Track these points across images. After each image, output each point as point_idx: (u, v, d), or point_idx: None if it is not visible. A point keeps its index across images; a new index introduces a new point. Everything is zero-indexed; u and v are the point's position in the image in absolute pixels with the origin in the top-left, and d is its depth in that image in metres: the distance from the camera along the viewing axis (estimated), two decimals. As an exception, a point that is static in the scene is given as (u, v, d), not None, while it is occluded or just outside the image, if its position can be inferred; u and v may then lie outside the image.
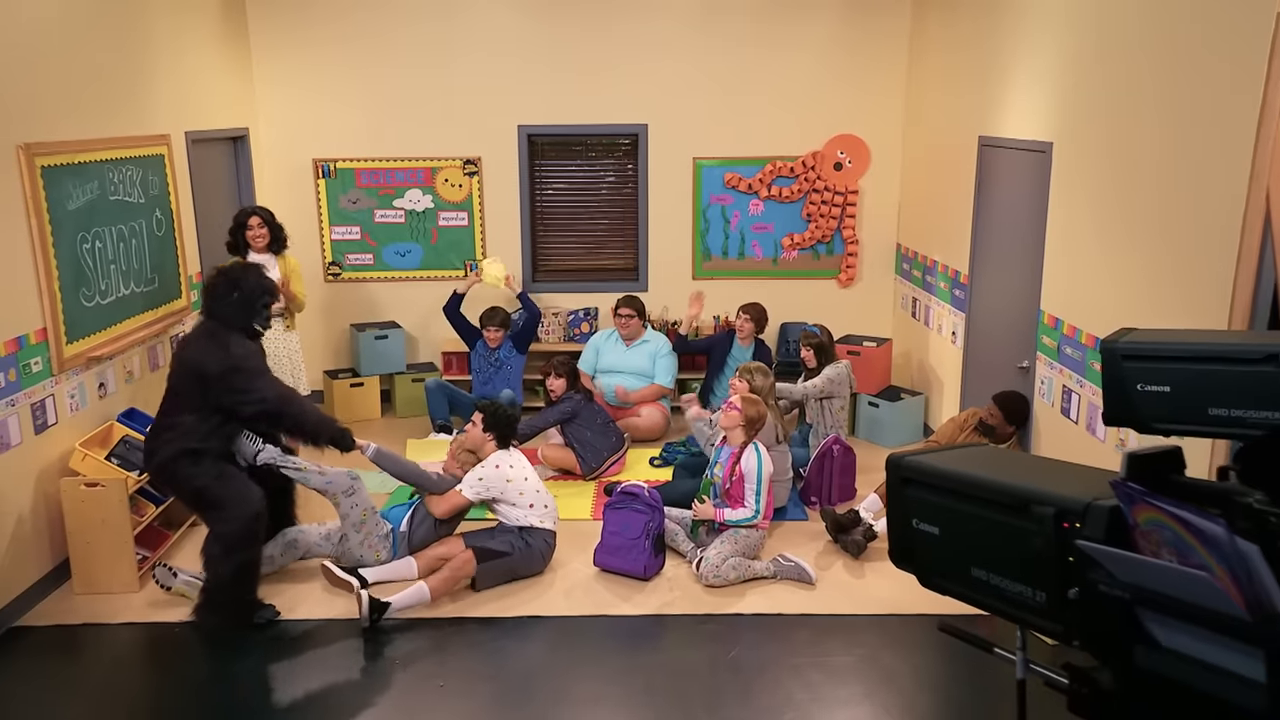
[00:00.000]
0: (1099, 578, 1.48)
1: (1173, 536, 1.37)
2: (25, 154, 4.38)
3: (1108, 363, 2.68)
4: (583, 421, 6.11)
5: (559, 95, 7.20)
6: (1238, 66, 3.43)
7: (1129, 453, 1.57)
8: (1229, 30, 3.49)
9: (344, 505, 4.68)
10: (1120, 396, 2.65)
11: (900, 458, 1.95)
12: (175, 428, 4.24)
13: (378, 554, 4.74)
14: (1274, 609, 1.24)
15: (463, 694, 3.94)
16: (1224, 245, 3.51)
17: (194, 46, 6.14)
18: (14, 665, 4.09)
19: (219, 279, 4.43)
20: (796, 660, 4.15)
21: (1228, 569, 1.28)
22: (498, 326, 6.68)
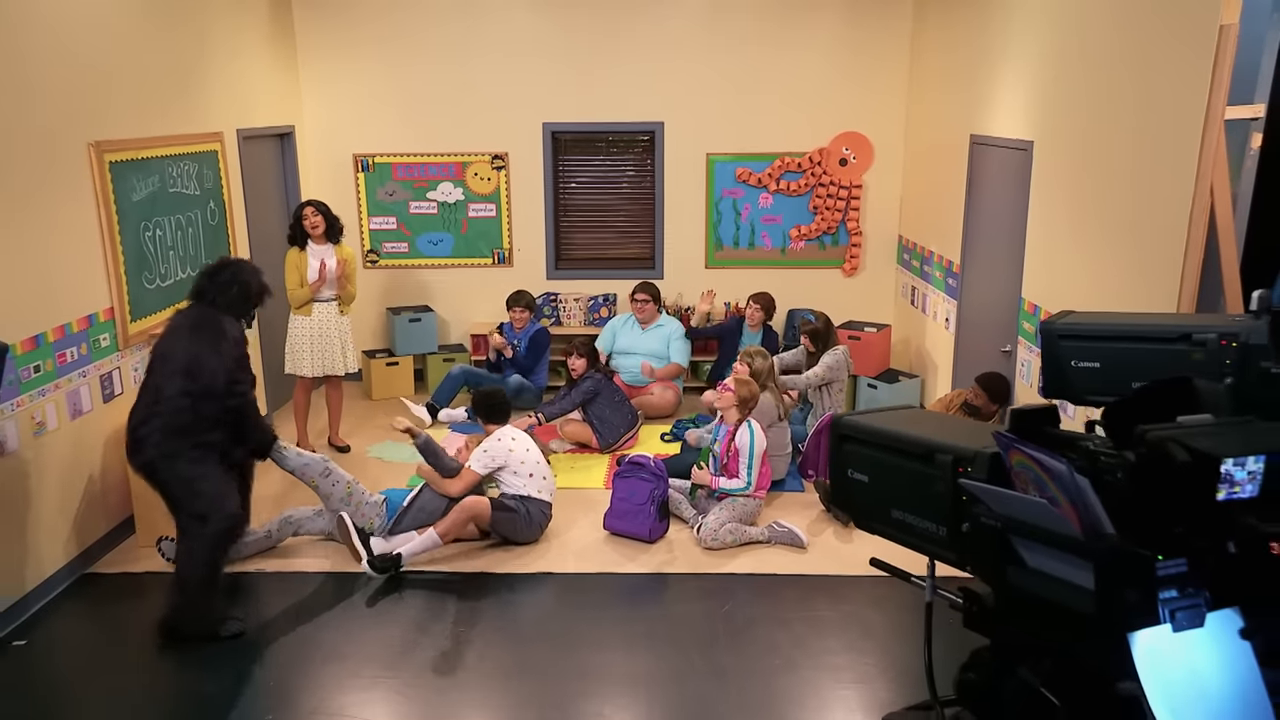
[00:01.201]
0: (980, 511, 1.73)
1: (1034, 475, 1.62)
2: (96, 151, 4.73)
3: (1046, 342, 2.92)
4: (603, 400, 6.37)
5: (581, 95, 7.44)
6: (1188, 75, 3.62)
7: (1012, 409, 1.81)
8: (1180, 43, 3.69)
9: (324, 486, 4.79)
10: (1056, 372, 2.89)
11: (840, 417, 2.21)
12: (156, 419, 4.01)
13: (371, 521, 4.87)
14: (1102, 530, 1.48)
15: (481, 639, 4.24)
16: (1177, 236, 3.71)
17: (245, 51, 6.47)
18: (85, 607, 4.46)
19: (225, 269, 4.32)
20: (785, 615, 4.41)
21: (1069, 499, 1.52)
22: (522, 308, 6.97)
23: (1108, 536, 1.45)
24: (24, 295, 4.27)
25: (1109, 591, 1.43)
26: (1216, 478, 1.40)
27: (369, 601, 4.53)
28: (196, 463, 4.03)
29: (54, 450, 4.46)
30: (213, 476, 4.07)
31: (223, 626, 4.13)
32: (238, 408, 4.14)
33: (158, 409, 4.01)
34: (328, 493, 4.81)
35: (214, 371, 4.04)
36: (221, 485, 4.11)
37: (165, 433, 3.99)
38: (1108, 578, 1.43)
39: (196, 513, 4.03)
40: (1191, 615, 1.40)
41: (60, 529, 4.56)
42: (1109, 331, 2.82)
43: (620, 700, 3.78)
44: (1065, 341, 2.88)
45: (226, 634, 4.12)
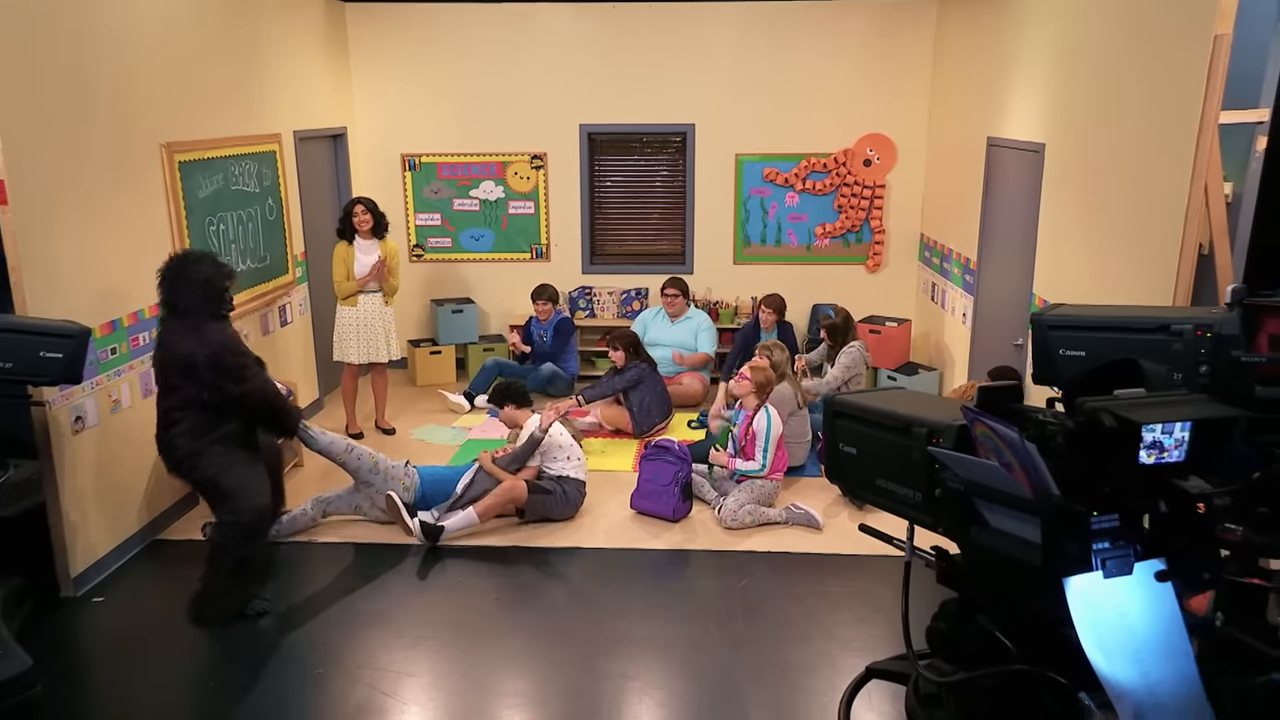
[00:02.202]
0: (948, 477, 1.90)
1: (993, 443, 1.79)
2: (166, 151, 5.02)
3: (1036, 332, 3.06)
4: (645, 388, 6.54)
5: (616, 97, 7.62)
6: (1185, 82, 3.72)
7: (980, 386, 1.97)
8: (1179, 51, 3.79)
9: (350, 461, 5.00)
10: (1045, 360, 3.03)
11: (832, 396, 2.38)
12: (184, 422, 4.06)
13: (403, 483, 5.08)
14: (1049, 491, 1.65)
15: (514, 605, 4.47)
16: (1174, 234, 3.81)
17: (301, 58, 6.75)
18: (155, 569, 4.75)
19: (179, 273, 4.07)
20: (798, 590, 4.58)
21: (1020, 463, 1.68)
22: (545, 300, 7.18)
23: (1053, 496, 1.61)
24: (103, 284, 4.57)
25: (1052, 544, 1.60)
26: (1138, 441, 1.55)
27: (411, 571, 4.78)
28: (219, 459, 4.07)
29: (128, 426, 4.76)
30: (236, 472, 4.10)
31: (249, 606, 4.23)
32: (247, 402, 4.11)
33: (173, 415, 4.06)
34: (355, 467, 5.03)
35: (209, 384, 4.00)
36: (247, 480, 4.13)
37: (184, 436, 4.05)
38: (1051, 532, 1.60)
39: (226, 508, 4.11)
40: (1120, 564, 1.56)
41: (133, 498, 4.86)
42: (1094, 323, 2.96)
43: (643, 664, 3.98)
44: (1054, 332, 3.02)
45: (252, 612, 4.22)
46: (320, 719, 3.63)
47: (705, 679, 3.86)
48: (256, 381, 4.20)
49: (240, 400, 4.09)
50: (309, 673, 3.90)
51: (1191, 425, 1.58)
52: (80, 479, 4.42)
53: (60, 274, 4.27)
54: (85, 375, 4.27)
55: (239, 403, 4.10)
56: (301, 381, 6.56)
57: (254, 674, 3.88)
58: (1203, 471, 1.65)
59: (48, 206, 4.18)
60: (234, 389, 4.05)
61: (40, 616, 4.15)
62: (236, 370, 4.06)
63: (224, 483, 4.08)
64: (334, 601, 4.48)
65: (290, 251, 6.55)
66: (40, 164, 4.13)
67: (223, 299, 4.13)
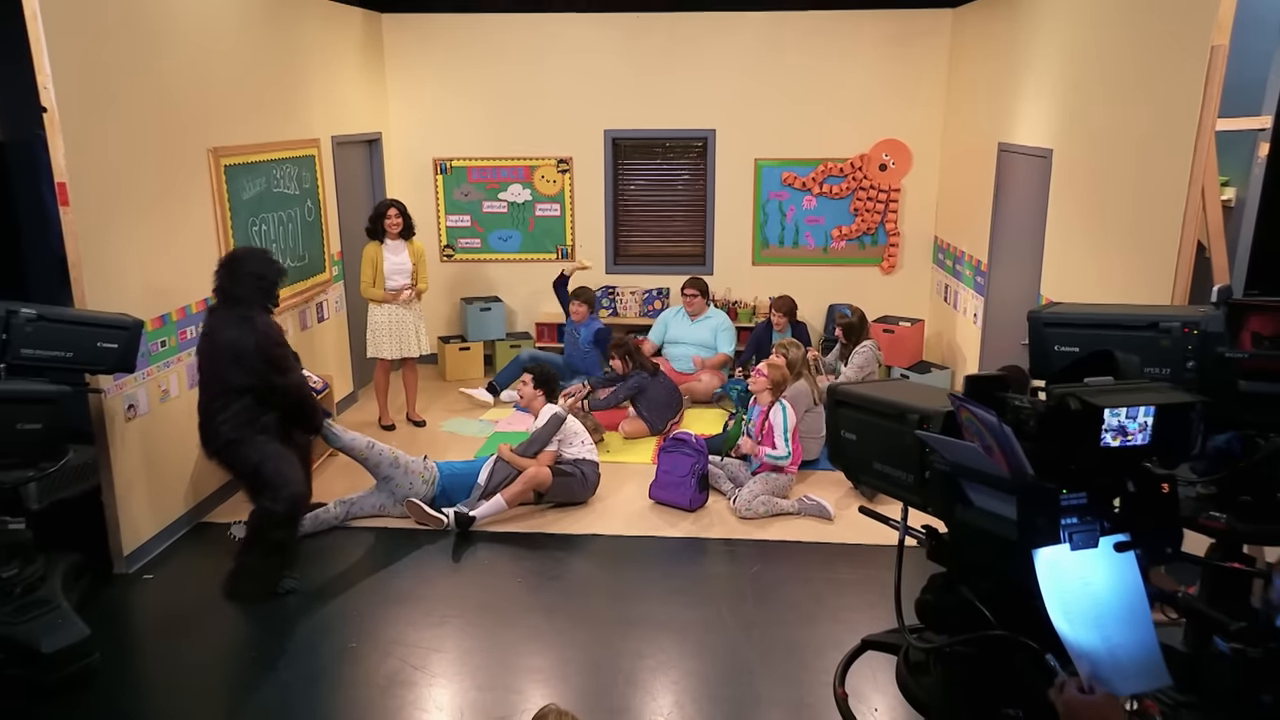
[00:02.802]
0: (935, 459, 2.00)
1: (975, 427, 1.89)
2: (213, 156, 5.22)
3: (1033, 329, 3.15)
4: (650, 393, 6.63)
5: (640, 104, 7.75)
6: (1184, 90, 3.79)
7: (968, 376, 2.08)
8: (1178, 61, 3.85)
9: (371, 457, 5.10)
10: (1042, 355, 3.12)
11: (835, 386, 2.49)
12: (228, 410, 4.20)
13: (423, 477, 5.20)
14: (1025, 470, 1.75)
15: (536, 588, 4.62)
16: (1173, 237, 3.87)
17: (340, 67, 6.94)
18: (199, 549, 4.94)
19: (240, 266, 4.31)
20: (808, 576, 4.69)
21: (998, 445, 1.79)
22: (582, 302, 7.29)
23: (1028, 476, 1.71)
24: (154, 280, 4.77)
25: (1026, 520, 1.70)
26: (1100, 424, 1.65)
27: (439, 554, 4.94)
28: (259, 447, 4.21)
29: (176, 414, 4.96)
30: (274, 457, 4.24)
31: (279, 585, 4.38)
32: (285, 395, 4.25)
33: (216, 403, 4.21)
34: (376, 462, 5.13)
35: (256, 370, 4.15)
36: (284, 465, 4.27)
37: (228, 424, 4.19)
38: (1025, 508, 1.70)
39: (265, 495, 4.26)
40: (1086, 537, 1.66)
41: (180, 482, 5.06)
42: (1087, 320, 3.05)
43: (658, 643, 4.10)
44: (1049, 329, 3.11)
45: (282, 591, 4.38)
46: (353, 689, 3.78)
47: (717, 658, 3.98)
48: (295, 376, 4.37)
49: (281, 391, 4.25)
50: (343, 646, 4.06)
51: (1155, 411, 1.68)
52: (132, 464, 4.62)
53: (115, 270, 4.47)
54: (137, 366, 4.47)
55: (279, 393, 4.25)
56: (336, 375, 6.75)
57: (291, 647, 4.06)
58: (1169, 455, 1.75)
59: (104, 208, 4.38)
60: (277, 379, 4.21)
61: (96, 591, 4.35)
62: (279, 361, 4.22)
63: (264, 470, 4.23)
64: (366, 581, 4.65)
65: (327, 251, 6.74)
66: (98, 168, 4.33)
67: (272, 294, 4.34)
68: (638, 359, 6.67)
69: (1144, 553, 1.71)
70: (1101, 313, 3.07)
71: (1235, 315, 2.77)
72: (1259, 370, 2.67)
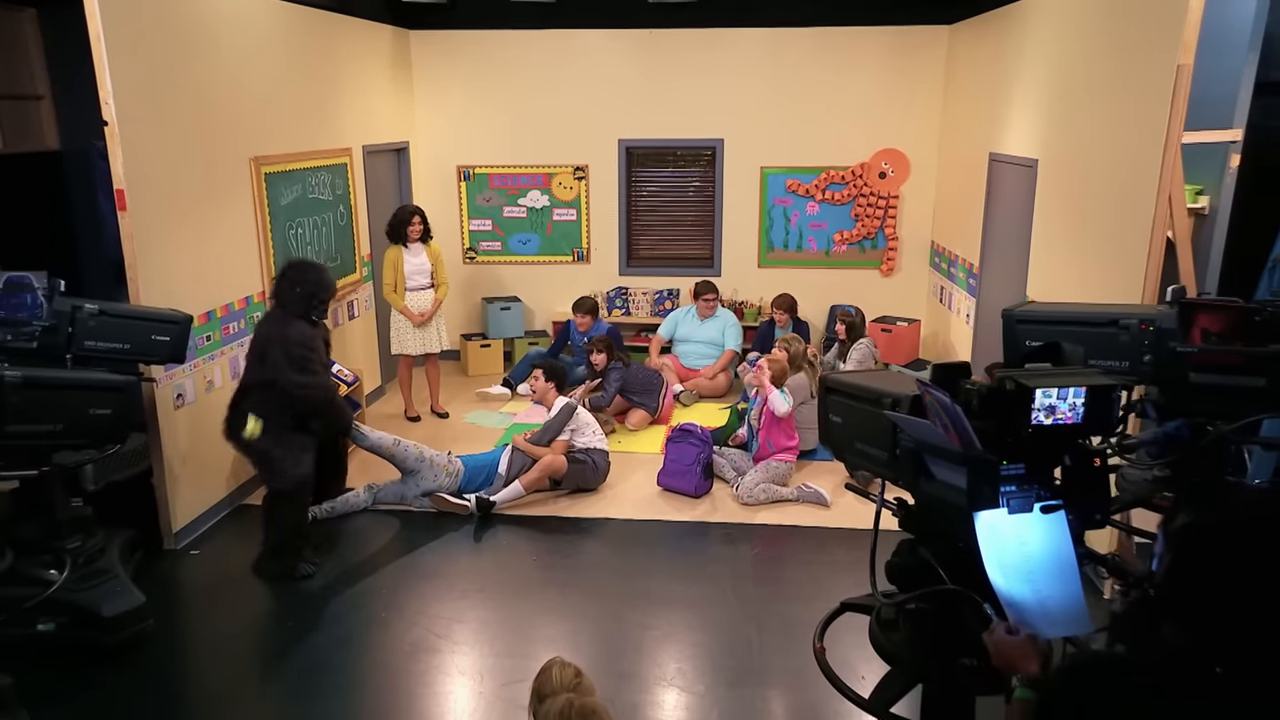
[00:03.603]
0: (903, 438, 2.20)
1: (935, 408, 2.10)
2: (255, 164, 5.47)
3: (1006, 325, 3.33)
4: (633, 383, 6.80)
5: (652, 115, 7.95)
6: (1153, 105, 3.96)
7: (934, 364, 2.27)
8: (1148, 79, 4.03)
9: (398, 454, 5.26)
10: (1014, 349, 3.29)
11: (826, 376, 2.68)
12: (252, 398, 4.42)
13: (448, 472, 5.37)
14: (974, 445, 1.95)
15: (551, 566, 4.84)
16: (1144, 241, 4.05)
17: (371, 80, 7.19)
18: (240, 529, 5.18)
19: (287, 273, 4.52)
20: (804, 558, 4.88)
21: (951, 423, 1.99)
22: (585, 313, 7.44)
23: (975, 449, 1.91)
24: (201, 278, 5.02)
25: (973, 487, 1.90)
26: (1030, 402, 1.85)
27: (462, 536, 5.17)
28: (272, 435, 4.38)
29: (219, 404, 5.14)
30: (285, 449, 4.41)
31: (297, 569, 4.56)
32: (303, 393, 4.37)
33: (244, 391, 4.46)
34: (402, 459, 5.31)
35: (277, 365, 4.32)
36: (293, 456, 4.43)
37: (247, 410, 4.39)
38: (972, 477, 1.90)
39: (273, 477, 4.48)
40: (1022, 503, 1.85)
41: (223, 467, 5.31)
42: (1055, 317, 3.22)
43: (663, 617, 4.31)
44: (1021, 325, 3.28)
45: (299, 575, 4.54)
46: (381, 654, 4.01)
47: (718, 631, 4.18)
48: (317, 380, 4.48)
49: (299, 390, 4.37)
50: (373, 616, 4.30)
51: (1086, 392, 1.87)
52: (180, 449, 4.88)
53: (166, 269, 4.72)
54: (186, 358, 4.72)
55: (299, 391, 4.38)
56: (365, 370, 7.00)
57: (325, 616, 4.29)
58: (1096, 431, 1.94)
59: (157, 212, 4.64)
60: (295, 377, 4.33)
61: (148, 565, 4.60)
62: (300, 363, 4.35)
63: (273, 454, 4.43)
64: (395, 559, 4.88)
65: (358, 253, 6.99)
66: (152, 175, 4.59)
67: (316, 306, 4.49)
68: (612, 353, 6.79)
69: (1075, 518, 1.91)
70: (1068, 311, 3.25)
71: (1186, 313, 2.93)
72: (1207, 364, 2.83)
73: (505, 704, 3.65)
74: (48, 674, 3.68)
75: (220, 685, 3.85)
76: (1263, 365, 2.70)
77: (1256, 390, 2.73)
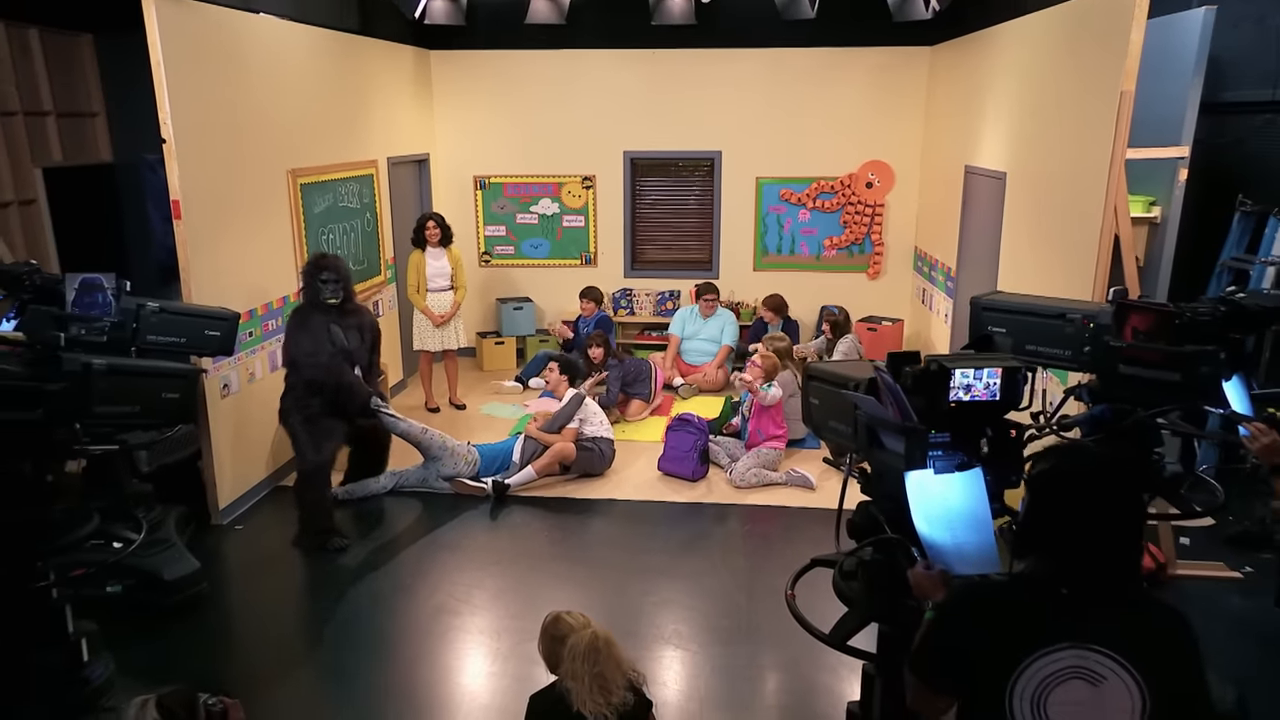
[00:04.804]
0: (860, 415, 2.53)
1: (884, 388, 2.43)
2: (292, 176, 5.83)
3: (972, 311, 3.67)
4: (631, 377, 7.13)
5: (655, 128, 8.25)
6: (1102, 126, 4.28)
7: (890, 352, 2.59)
8: (1097, 103, 4.35)
9: (424, 441, 5.55)
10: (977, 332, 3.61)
11: (808, 365, 3.00)
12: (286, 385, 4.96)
13: (466, 460, 5.68)
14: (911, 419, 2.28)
15: (561, 542, 5.17)
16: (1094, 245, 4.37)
17: (394, 97, 7.53)
18: (277, 508, 5.52)
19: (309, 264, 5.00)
20: (791, 535, 5.21)
21: (893, 399, 2.33)
22: (590, 300, 7.81)
23: (911, 421, 2.25)
24: (244, 280, 5.37)
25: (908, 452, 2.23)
26: (948, 381, 2.17)
27: (481, 515, 5.50)
28: (300, 419, 4.84)
29: (260, 394, 5.56)
30: (310, 430, 4.82)
31: (329, 543, 4.89)
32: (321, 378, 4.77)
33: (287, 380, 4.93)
34: (427, 445, 5.60)
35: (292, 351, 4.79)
36: (315, 438, 4.82)
37: (287, 397, 4.88)
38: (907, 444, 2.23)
39: (298, 456, 4.90)
40: (945, 465, 2.17)
41: (262, 451, 5.67)
42: (1013, 307, 3.55)
43: (663, 585, 4.64)
44: (985, 311, 3.62)
45: (331, 548, 4.86)
46: (407, 617, 4.35)
47: (711, 598, 4.51)
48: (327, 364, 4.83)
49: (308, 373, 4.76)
50: (399, 583, 4.64)
51: (1000, 373, 2.20)
52: (225, 435, 5.23)
53: (215, 271, 5.07)
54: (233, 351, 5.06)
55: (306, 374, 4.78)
56: (390, 365, 7.35)
57: (357, 583, 4.63)
58: (1007, 406, 2.27)
59: (207, 220, 4.99)
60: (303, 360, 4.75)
61: (199, 537, 4.95)
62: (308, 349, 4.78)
63: (299, 436, 4.83)
64: (419, 535, 5.21)
65: (383, 257, 7.33)
66: (203, 187, 4.94)
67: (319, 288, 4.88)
68: (609, 348, 7.11)
69: (994, 479, 2.24)
70: (1025, 302, 3.58)
71: (1121, 313, 3.27)
72: (1134, 358, 3.17)
73: (519, 659, 3.98)
74: (120, 629, 4.03)
75: (267, 639, 4.20)
76: (1179, 363, 3.03)
77: (1172, 384, 3.05)
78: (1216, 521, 5.05)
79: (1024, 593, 1.71)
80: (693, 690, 3.78)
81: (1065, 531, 1.67)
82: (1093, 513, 1.65)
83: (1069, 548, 1.66)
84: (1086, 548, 1.65)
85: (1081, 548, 1.65)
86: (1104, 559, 1.64)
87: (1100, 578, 1.65)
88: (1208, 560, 4.69)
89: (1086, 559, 1.65)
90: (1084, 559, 1.65)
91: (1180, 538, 4.87)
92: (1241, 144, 5.70)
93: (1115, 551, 1.65)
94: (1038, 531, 1.72)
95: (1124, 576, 1.67)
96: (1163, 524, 4.55)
